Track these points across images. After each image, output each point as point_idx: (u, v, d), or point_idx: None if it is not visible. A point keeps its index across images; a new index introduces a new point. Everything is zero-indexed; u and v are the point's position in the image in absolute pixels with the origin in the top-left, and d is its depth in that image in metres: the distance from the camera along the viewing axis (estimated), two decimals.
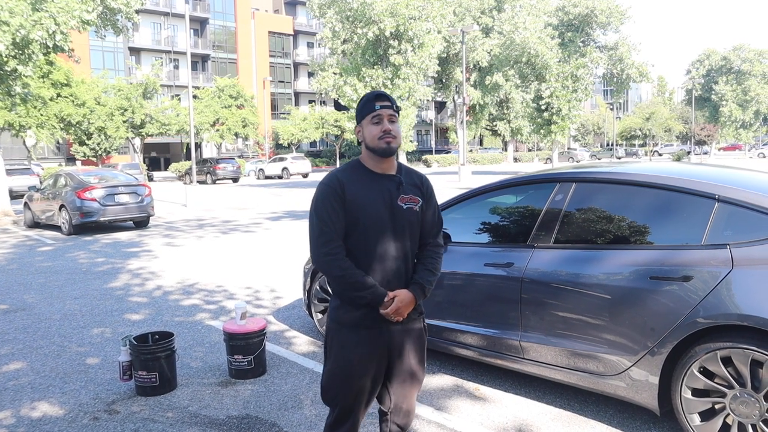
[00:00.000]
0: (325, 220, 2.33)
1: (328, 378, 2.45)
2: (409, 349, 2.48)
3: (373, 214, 2.35)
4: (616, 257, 3.39)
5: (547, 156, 58.35)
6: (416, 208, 2.45)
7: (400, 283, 2.41)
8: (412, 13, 25.79)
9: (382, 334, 2.40)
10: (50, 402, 4.05)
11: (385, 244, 2.37)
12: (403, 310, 2.37)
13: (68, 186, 13.65)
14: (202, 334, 5.53)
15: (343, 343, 2.40)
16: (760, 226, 3.00)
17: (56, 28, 14.66)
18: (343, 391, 2.41)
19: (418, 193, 2.48)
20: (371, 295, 2.32)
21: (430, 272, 2.48)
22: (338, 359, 2.41)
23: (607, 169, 3.81)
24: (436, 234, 2.56)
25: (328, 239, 2.33)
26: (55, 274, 8.65)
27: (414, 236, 2.47)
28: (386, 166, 2.42)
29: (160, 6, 55.12)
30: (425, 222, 2.51)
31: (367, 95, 2.41)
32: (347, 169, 2.43)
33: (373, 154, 2.39)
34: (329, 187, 2.35)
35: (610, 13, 35.51)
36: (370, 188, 2.38)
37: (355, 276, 2.32)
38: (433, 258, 2.52)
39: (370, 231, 2.35)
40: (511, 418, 3.62)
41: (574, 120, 33.91)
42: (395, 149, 2.38)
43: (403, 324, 2.44)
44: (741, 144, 66.94)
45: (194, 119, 32.15)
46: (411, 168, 2.56)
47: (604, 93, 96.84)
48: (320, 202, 2.36)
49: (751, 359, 2.84)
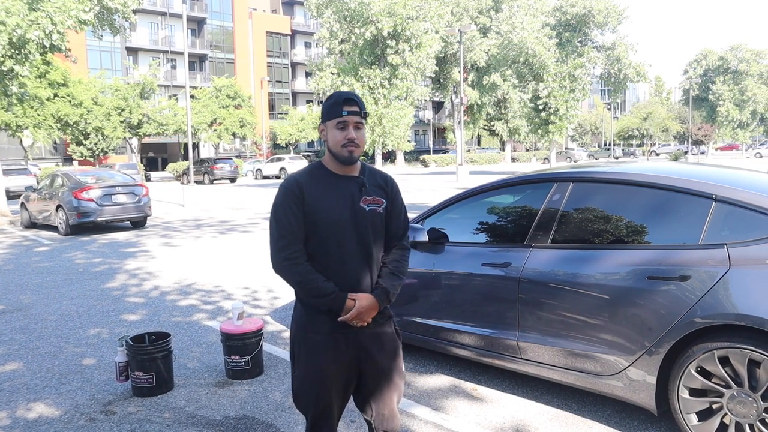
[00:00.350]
0: (283, 224, 2.28)
1: (299, 385, 2.40)
2: (381, 354, 2.40)
3: (333, 217, 2.29)
4: (613, 257, 3.39)
5: (545, 156, 58.39)
6: (380, 209, 2.39)
7: (365, 288, 2.35)
8: (409, 13, 25.81)
9: (349, 339, 2.34)
10: (46, 403, 4.04)
11: (347, 247, 2.32)
12: (364, 315, 2.30)
13: (65, 186, 13.61)
14: (200, 335, 5.51)
15: (310, 349, 2.35)
16: (757, 225, 3.00)
17: (53, 27, 14.64)
18: (315, 397, 2.36)
19: (382, 194, 2.42)
20: (331, 301, 2.27)
21: (395, 276, 2.42)
22: (306, 366, 2.36)
23: (604, 169, 3.80)
24: (402, 236, 2.50)
25: (287, 243, 2.27)
26: (51, 275, 8.63)
27: (378, 239, 2.41)
28: (349, 168, 2.37)
29: (158, 6, 55.07)
30: (390, 224, 2.45)
31: (336, 96, 2.32)
32: (308, 171, 2.37)
33: (335, 159, 2.34)
34: (288, 191, 2.30)
35: (607, 13, 35.62)
36: (331, 191, 2.32)
37: (315, 282, 2.26)
38: (398, 261, 2.46)
39: (331, 234, 2.30)
40: (508, 418, 3.62)
41: (571, 120, 33.94)
42: (357, 158, 2.33)
43: (370, 328, 2.38)
44: (738, 144, 67.07)
45: (192, 119, 32.12)
46: (375, 168, 2.50)
47: (601, 93, 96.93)
48: (279, 205, 2.31)
49: (749, 359, 2.84)
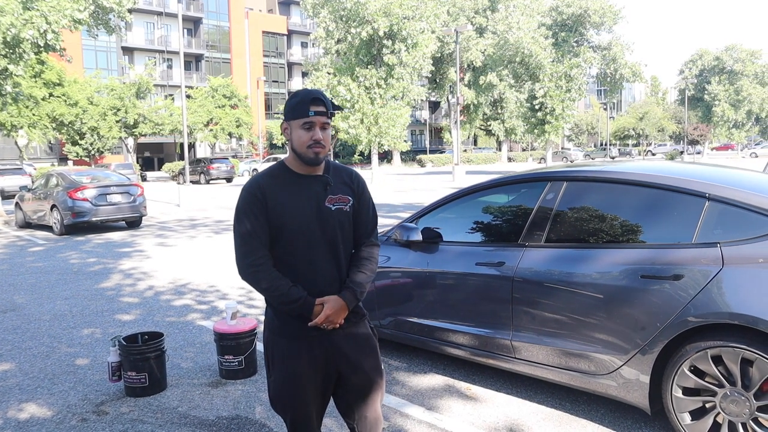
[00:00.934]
0: (247, 229, 2.22)
1: (275, 389, 2.36)
2: (357, 354, 2.36)
3: (298, 219, 2.24)
4: (607, 256, 3.38)
5: (541, 156, 58.47)
6: (346, 208, 2.34)
7: (334, 289, 2.31)
8: (405, 13, 25.80)
9: (323, 342, 2.30)
10: (38, 403, 4.01)
11: (314, 249, 2.27)
12: (334, 317, 2.26)
13: (60, 186, 13.57)
14: (193, 335, 5.49)
15: (284, 353, 2.31)
16: (750, 224, 3.00)
17: (47, 27, 14.59)
18: (292, 401, 2.32)
19: (348, 191, 2.37)
20: (300, 307, 2.23)
21: (363, 274, 2.36)
22: (281, 370, 2.32)
23: (598, 168, 3.80)
24: (370, 232, 2.45)
25: (251, 249, 2.22)
26: (45, 275, 8.59)
27: (346, 238, 2.36)
28: (312, 168, 2.30)
29: (153, 5, 54.97)
30: (358, 221, 2.40)
31: (302, 95, 2.23)
32: (270, 173, 2.30)
33: (298, 159, 2.27)
34: (250, 194, 2.24)
35: (603, 13, 35.66)
36: (295, 192, 2.26)
37: (282, 287, 2.21)
38: (366, 258, 2.41)
39: (297, 237, 2.25)
40: (502, 418, 3.61)
41: (567, 120, 34.01)
42: (323, 159, 2.28)
43: (344, 329, 2.33)
44: (734, 144, 67.25)
45: (187, 119, 32.06)
46: (340, 165, 2.45)
47: (597, 93, 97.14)
48: (241, 210, 2.25)
49: (742, 358, 2.84)
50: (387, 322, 4.47)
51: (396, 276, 4.42)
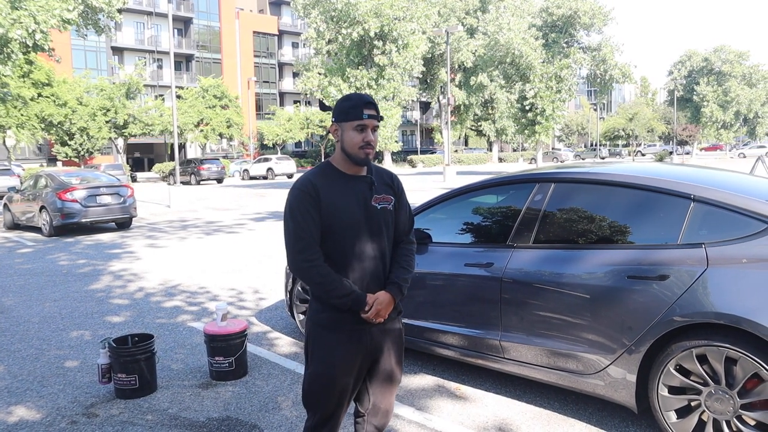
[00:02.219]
0: (301, 226, 2.29)
1: (311, 382, 2.41)
2: (389, 349, 2.47)
3: (349, 216, 2.33)
4: (594, 257, 3.42)
5: (532, 156, 58.69)
6: (390, 207, 2.45)
7: (379, 284, 2.41)
8: (396, 14, 25.85)
9: (364, 335, 2.38)
10: (27, 406, 4.00)
11: (362, 246, 2.36)
12: (383, 312, 2.36)
13: (49, 187, 13.49)
14: (184, 336, 5.49)
15: (326, 346, 2.37)
16: (734, 225, 3.04)
17: (36, 27, 14.51)
18: (326, 395, 2.38)
19: (390, 192, 2.48)
20: (352, 300, 2.30)
21: (406, 270, 2.48)
22: (321, 363, 2.37)
23: (585, 170, 3.84)
24: (409, 231, 2.57)
25: (306, 245, 2.29)
26: (34, 276, 8.54)
27: (390, 236, 2.47)
28: (358, 168, 2.41)
29: (143, 5, 54.68)
30: (398, 220, 2.51)
31: (356, 99, 2.34)
32: (319, 172, 2.39)
33: (348, 159, 2.37)
34: (304, 192, 2.31)
35: (593, 14, 35.86)
36: (344, 191, 2.35)
37: (335, 282, 2.30)
38: (408, 256, 2.53)
39: (347, 234, 2.33)
40: (491, 418, 3.64)
41: (558, 120, 34.17)
42: (371, 160, 2.41)
43: (383, 324, 2.43)
44: (722, 144, 67.82)
45: (178, 119, 31.94)
46: (380, 167, 2.56)
47: (587, 93, 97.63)
48: (296, 207, 2.32)
49: (726, 356, 2.88)
50: None
51: None
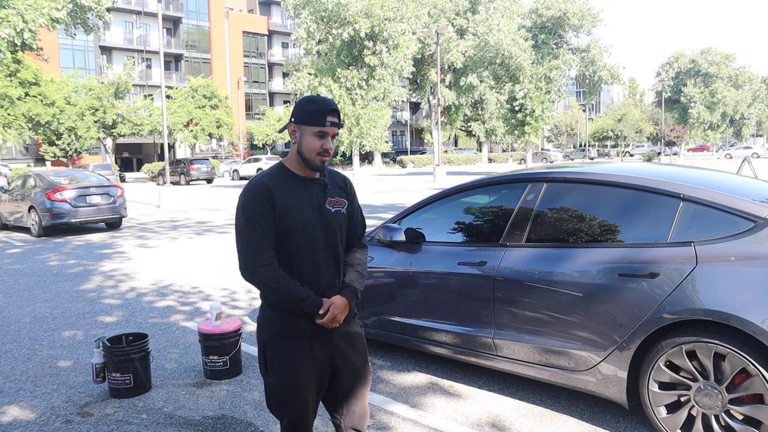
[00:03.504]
0: (255, 229, 2.22)
1: (273, 390, 2.37)
2: (352, 351, 2.44)
3: (303, 220, 2.28)
4: (585, 255, 3.47)
5: (521, 157, 58.93)
6: (344, 210, 2.43)
7: (334, 289, 2.38)
8: (386, 14, 25.87)
9: (323, 341, 2.35)
10: (21, 406, 3.99)
11: (317, 250, 2.33)
12: (339, 316, 2.33)
13: (38, 187, 13.40)
14: (177, 336, 5.49)
15: (284, 353, 2.32)
16: (722, 224, 3.10)
17: (24, 26, 14.41)
18: (291, 402, 2.34)
19: (343, 195, 2.46)
20: (308, 306, 2.26)
21: (360, 274, 2.47)
22: (282, 370, 2.33)
23: (577, 169, 3.90)
24: (361, 235, 2.56)
25: (260, 249, 2.23)
26: (24, 277, 8.49)
27: (343, 239, 2.45)
28: (312, 171, 2.36)
29: (132, 4, 54.38)
30: (351, 223, 2.49)
31: (321, 103, 2.27)
32: (272, 174, 2.32)
33: (302, 163, 2.32)
34: (257, 194, 2.24)
35: (582, 15, 36.07)
36: (298, 193, 2.30)
37: (291, 288, 2.24)
38: (361, 260, 2.52)
39: (302, 238, 2.29)
40: (484, 414, 3.68)
41: (547, 121, 34.35)
42: (327, 167, 2.37)
43: (341, 328, 2.39)
44: (709, 145, 68.43)
45: (167, 119, 31.77)
46: (332, 169, 2.51)
47: (576, 94, 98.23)
48: (249, 209, 2.24)
49: (714, 352, 2.94)
50: (371, 322, 4.52)
51: (379, 276, 4.47)
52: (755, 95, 63.54)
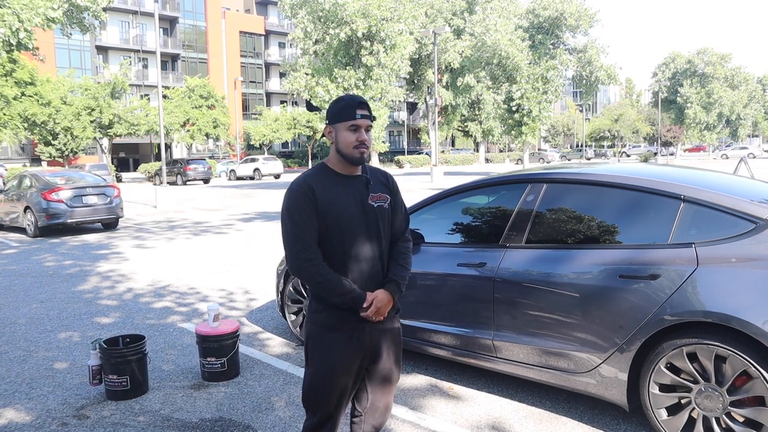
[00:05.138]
0: (300, 226, 2.31)
1: (311, 382, 2.42)
2: (388, 348, 2.49)
3: (346, 216, 2.35)
4: (586, 256, 3.45)
5: (518, 157, 59.00)
6: (386, 205, 2.48)
7: (377, 283, 2.43)
8: (384, 14, 25.85)
9: (363, 335, 2.40)
10: (16, 408, 3.96)
11: (360, 245, 2.38)
12: (383, 310, 2.38)
13: (34, 187, 13.34)
14: (175, 337, 5.46)
15: (326, 346, 2.38)
16: (723, 225, 3.09)
17: (20, 25, 14.35)
18: (326, 395, 2.40)
19: (386, 190, 2.51)
20: (351, 299, 2.32)
21: (404, 268, 2.51)
22: (321, 363, 2.39)
23: (577, 170, 3.88)
24: (404, 229, 2.60)
25: (305, 245, 2.31)
26: (20, 277, 8.45)
27: (386, 234, 2.49)
28: (353, 168, 2.44)
29: (128, 4, 54.23)
30: (394, 218, 2.54)
31: (349, 99, 2.38)
32: (315, 173, 2.41)
33: (343, 160, 2.40)
34: (300, 193, 2.34)
35: (579, 16, 36.13)
36: (340, 191, 2.38)
37: (335, 282, 2.31)
38: (404, 254, 2.55)
39: (345, 233, 2.35)
40: (484, 416, 3.66)
41: (544, 121, 34.36)
42: (367, 159, 2.43)
43: (382, 323, 2.45)
44: (705, 145, 68.59)
45: (164, 119, 31.71)
46: (374, 167, 2.59)
47: (573, 95, 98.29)
48: (293, 208, 2.34)
49: (715, 354, 2.93)
50: None
51: None
52: (751, 96, 63.73)
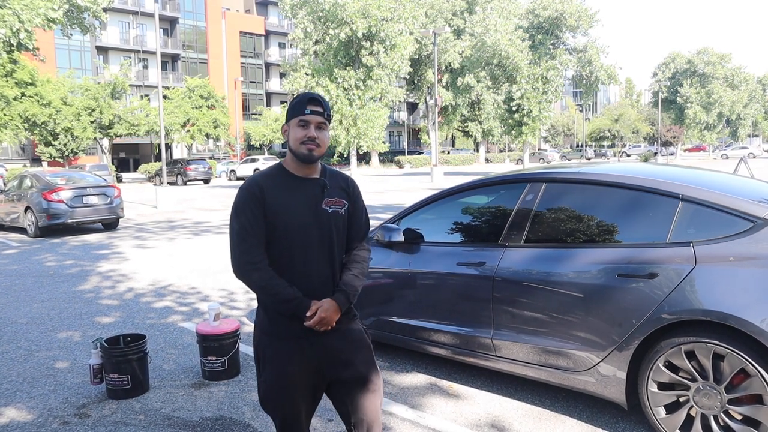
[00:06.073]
0: (245, 228, 2.25)
1: (266, 390, 2.37)
2: (351, 354, 2.38)
3: (295, 219, 2.28)
4: (584, 255, 3.47)
5: (518, 157, 58.99)
6: (342, 211, 2.40)
7: (328, 290, 2.35)
8: (384, 15, 25.84)
9: (314, 342, 2.32)
10: (18, 407, 3.98)
11: (310, 250, 2.31)
12: (327, 320, 2.28)
13: (34, 187, 13.36)
14: (175, 336, 5.48)
15: (276, 354, 2.32)
16: (721, 224, 3.11)
17: (20, 26, 14.36)
18: (282, 402, 2.34)
19: (344, 195, 2.43)
20: (294, 307, 2.25)
21: (356, 277, 2.42)
22: (273, 371, 2.33)
23: (575, 170, 3.90)
24: (363, 237, 2.51)
25: (249, 247, 2.25)
26: (21, 277, 8.46)
27: (341, 241, 2.41)
28: (309, 170, 2.36)
29: (129, 5, 54.26)
30: (352, 225, 2.46)
31: (301, 96, 2.31)
32: (269, 173, 2.35)
33: (296, 159, 2.32)
34: (249, 193, 2.27)
35: (579, 16, 36.08)
36: (293, 193, 2.31)
37: (278, 287, 2.24)
38: (359, 262, 2.46)
39: (294, 237, 2.28)
40: (483, 415, 3.68)
41: (544, 121, 34.37)
42: (317, 158, 2.31)
43: (336, 330, 2.35)
44: (705, 145, 68.57)
45: (164, 120, 31.70)
46: (336, 170, 2.50)
47: (573, 95, 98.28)
48: (240, 208, 2.27)
49: (713, 353, 2.94)
50: (369, 322, 4.51)
51: (378, 276, 4.47)
52: (751, 96, 63.70)
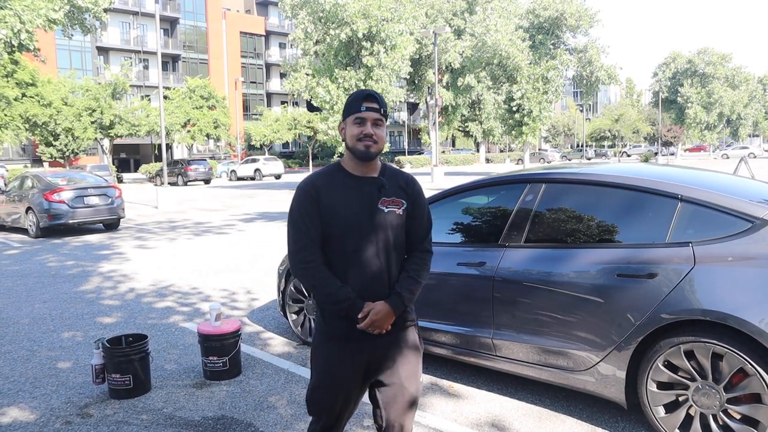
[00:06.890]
0: (299, 227, 2.25)
1: (312, 390, 2.36)
2: (398, 361, 2.33)
3: (350, 219, 2.24)
4: (584, 256, 3.48)
5: (519, 157, 59.02)
6: (399, 211, 2.31)
7: (383, 292, 2.28)
8: (384, 15, 25.86)
9: (366, 347, 2.28)
10: (20, 407, 3.99)
11: (364, 250, 2.25)
12: (380, 323, 2.23)
13: (35, 188, 13.38)
14: (177, 336, 5.49)
15: (327, 355, 2.31)
16: (720, 224, 3.12)
17: (21, 26, 14.38)
18: (327, 404, 2.33)
19: (402, 195, 2.35)
20: (348, 307, 2.22)
21: (413, 280, 2.32)
22: (322, 372, 2.33)
23: (575, 170, 3.91)
24: (423, 238, 2.40)
25: (303, 246, 2.24)
26: (22, 278, 8.48)
27: (398, 241, 2.33)
28: (367, 168, 2.31)
29: (129, 5, 54.29)
30: (412, 226, 2.37)
31: (357, 93, 2.28)
32: (326, 173, 2.32)
33: (353, 157, 2.29)
34: (304, 193, 2.27)
35: (579, 16, 36.10)
36: (348, 192, 2.27)
37: (331, 287, 2.22)
38: (417, 264, 2.37)
39: (349, 237, 2.24)
40: (484, 415, 3.69)
41: (544, 121, 34.36)
42: (375, 154, 2.26)
43: (390, 335, 2.30)
44: (706, 145, 68.56)
45: (165, 120, 31.73)
46: (397, 169, 2.43)
47: (574, 95, 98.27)
48: (295, 208, 2.28)
49: (712, 352, 2.96)
50: None
51: None
52: (752, 95, 63.65)
